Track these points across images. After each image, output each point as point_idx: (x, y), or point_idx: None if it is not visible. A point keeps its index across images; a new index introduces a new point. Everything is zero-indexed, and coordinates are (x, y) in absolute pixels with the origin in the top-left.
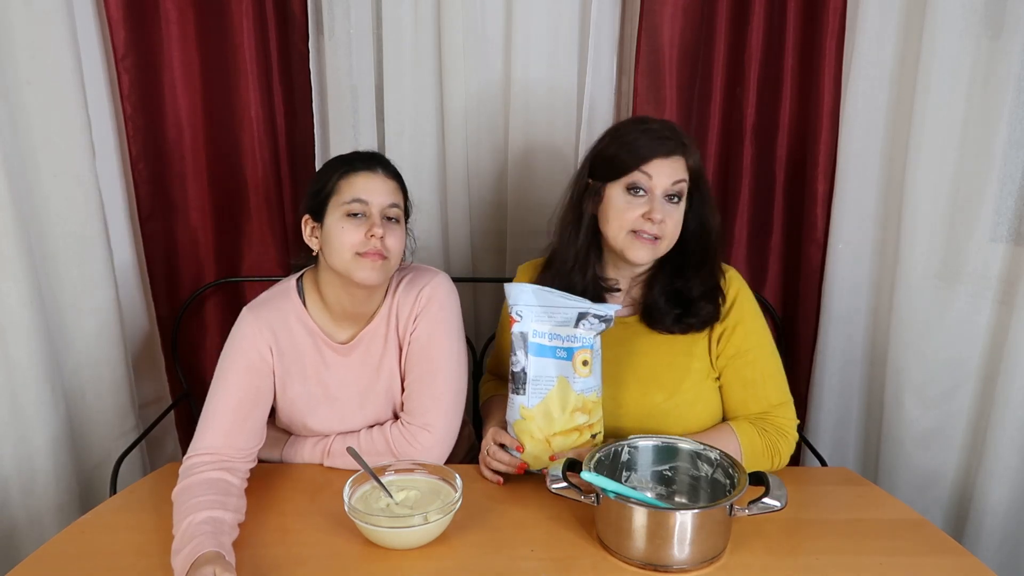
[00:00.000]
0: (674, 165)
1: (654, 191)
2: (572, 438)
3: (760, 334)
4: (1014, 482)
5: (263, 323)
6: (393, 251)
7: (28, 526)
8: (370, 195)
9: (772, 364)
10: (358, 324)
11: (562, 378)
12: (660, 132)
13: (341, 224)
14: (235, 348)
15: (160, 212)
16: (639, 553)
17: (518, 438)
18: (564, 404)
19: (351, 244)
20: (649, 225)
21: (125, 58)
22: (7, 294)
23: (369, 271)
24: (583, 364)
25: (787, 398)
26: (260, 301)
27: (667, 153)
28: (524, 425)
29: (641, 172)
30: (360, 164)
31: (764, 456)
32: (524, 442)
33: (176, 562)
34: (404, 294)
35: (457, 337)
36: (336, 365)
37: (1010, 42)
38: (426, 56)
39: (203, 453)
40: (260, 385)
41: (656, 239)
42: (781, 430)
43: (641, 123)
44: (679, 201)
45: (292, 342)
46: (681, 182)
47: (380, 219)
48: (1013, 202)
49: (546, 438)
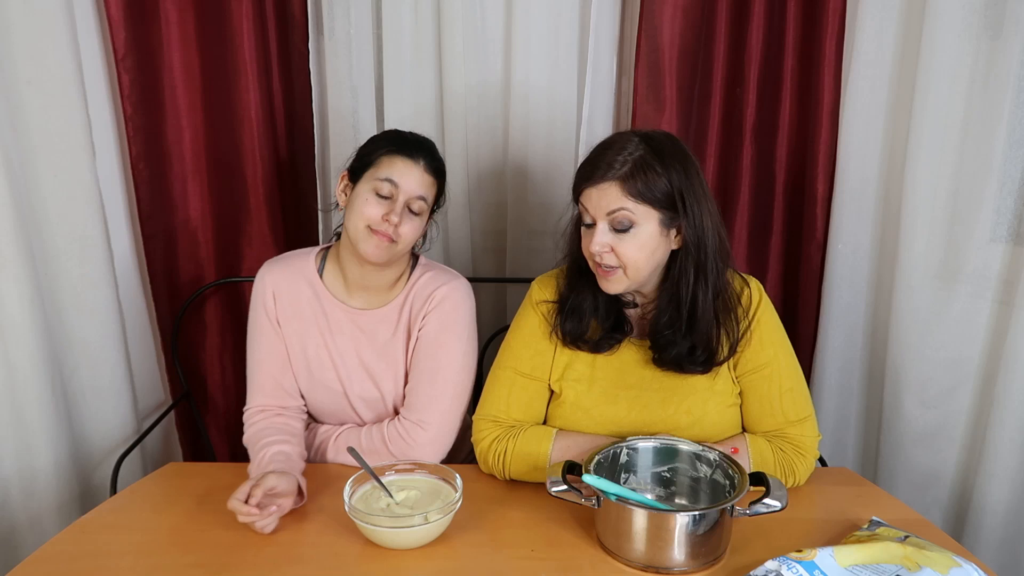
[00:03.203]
0: (605, 194)
1: (596, 221)
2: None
3: (778, 347)
4: (1014, 482)
5: (268, 275)
6: (404, 238)
7: (28, 526)
8: (403, 182)
9: (790, 378)
10: (372, 301)
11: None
12: (596, 156)
13: (367, 196)
14: (253, 306)
15: (160, 212)
16: (640, 555)
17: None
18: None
19: (367, 216)
20: (596, 256)
21: (125, 58)
22: (7, 294)
23: (374, 248)
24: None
25: (808, 413)
26: (278, 256)
27: (594, 182)
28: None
29: (580, 204)
30: (407, 149)
31: (776, 473)
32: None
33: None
34: (422, 288)
35: (467, 340)
36: (342, 326)
37: (1010, 42)
38: (426, 56)
39: (255, 407)
40: (276, 337)
41: (614, 269)
42: (799, 449)
43: (597, 147)
44: (629, 228)
45: (293, 295)
46: (618, 211)
47: (403, 207)
48: (1013, 202)
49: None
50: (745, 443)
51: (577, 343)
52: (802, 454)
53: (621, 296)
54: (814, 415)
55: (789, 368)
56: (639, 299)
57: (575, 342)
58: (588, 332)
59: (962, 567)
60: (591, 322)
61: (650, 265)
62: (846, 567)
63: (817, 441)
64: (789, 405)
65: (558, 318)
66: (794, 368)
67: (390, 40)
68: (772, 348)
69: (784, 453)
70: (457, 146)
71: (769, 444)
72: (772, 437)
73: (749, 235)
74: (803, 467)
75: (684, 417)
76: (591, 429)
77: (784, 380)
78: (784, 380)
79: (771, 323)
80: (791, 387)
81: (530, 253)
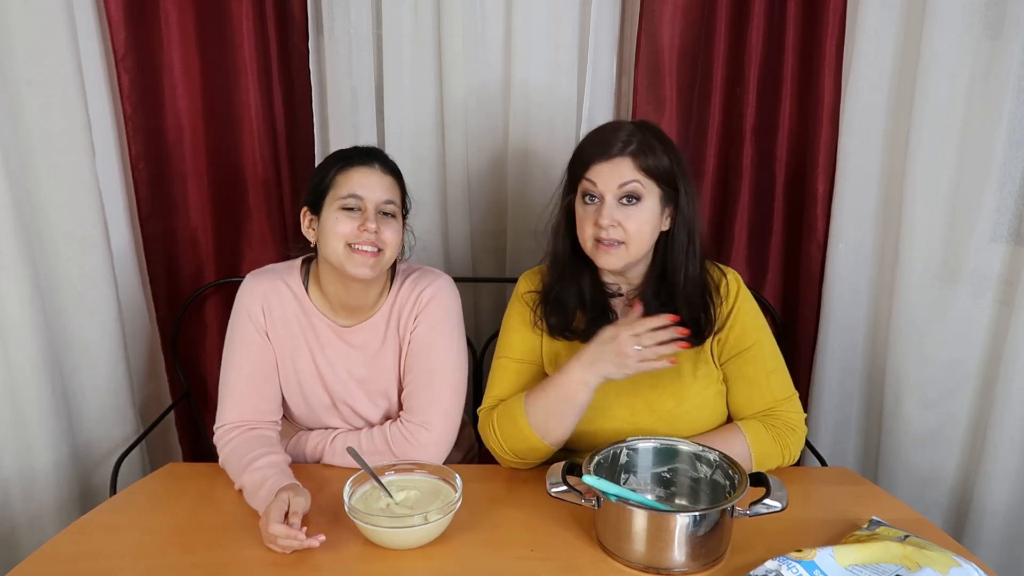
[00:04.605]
0: (618, 167)
1: (604, 196)
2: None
3: (759, 330)
4: (1014, 482)
5: (256, 286)
6: (389, 244)
7: (28, 526)
8: (365, 191)
9: (773, 359)
10: (357, 316)
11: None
12: (603, 136)
13: (336, 216)
14: (236, 316)
15: (160, 212)
16: (640, 556)
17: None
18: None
19: (343, 235)
20: (603, 231)
21: (125, 58)
22: (7, 294)
23: (361, 266)
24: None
25: (792, 392)
26: (262, 268)
27: (608, 157)
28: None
29: (587, 180)
30: (357, 159)
31: (774, 451)
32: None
33: (255, 502)
34: (407, 293)
35: (457, 338)
36: (331, 342)
37: (1010, 42)
38: (426, 56)
39: (228, 425)
40: (263, 348)
41: (619, 243)
42: (789, 424)
43: (596, 130)
44: (637, 202)
45: (282, 310)
46: (631, 183)
47: (375, 214)
48: (1013, 202)
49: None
50: (739, 428)
51: (564, 333)
52: (793, 429)
53: (606, 285)
54: (797, 395)
55: (772, 350)
56: (624, 287)
57: (562, 332)
58: (574, 322)
59: (962, 567)
60: (576, 312)
61: (649, 241)
62: (846, 567)
63: (804, 418)
64: (776, 384)
65: (541, 309)
66: (776, 350)
67: (390, 40)
68: (755, 332)
69: (777, 430)
70: (457, 146)
71: (761, 423)
72: (763, 416)
73: (749, 235)
74: (795, 442)
75: (669, 399)
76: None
77: (768, 361)
78: (768, 361)
79: (752, 309)
80: (775, 368)
81: (530, 253)
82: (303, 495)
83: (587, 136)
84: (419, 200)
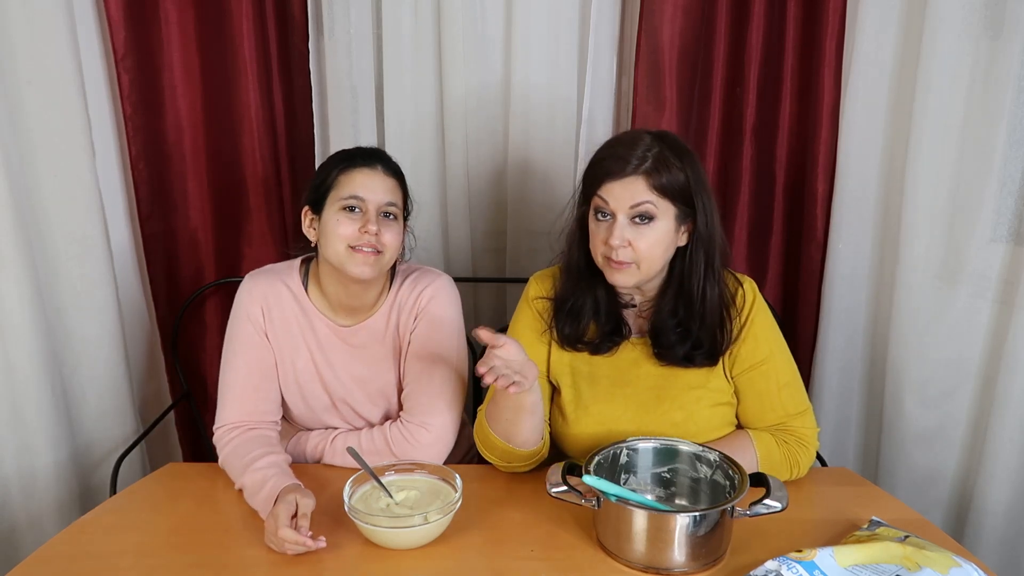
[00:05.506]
0: (630, 187)
1: (616, 214)
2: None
3: (773, 343)
4: (1014, 482)
5: (255, 287)
6: (389, 246)
7: (28, 526)
8: (367, 192)
9: (787, 373)
10: (357, 316)
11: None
12: (618, 151)
13: (337, 218)
14: (235, 316)
15: (160, 212)
16: (640, 556)
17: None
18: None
19: (344, 236)
20: (613, 251)
21: (125, 59)
22: (7, 294)
23: (362, 266)
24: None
25: (806, 406)
26: (261, 268)
27: (620, 175)
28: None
29: (599, 197)
30: (360, 160)
31: (783, 466)
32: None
33: (256, 502)
34: (406, 293)
35: (457, 338)
36: (331, 343)
37: (1010, 42)
38: (426, 56)
39: (228, 425)
40: (263, 348)
41: (628, 264)
42: (801, 440)
43: (613, 142)
44: (650, 221)
45: (282, 311)
46: (643, 204)
47: (376, 216)
48: (1013, 202)
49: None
50: (750, 439)
51: (576, 345)
52: (804, 445)
53: (620, 297)
54: (811, 408)
55: (785, 364)
56: (638, 299)
57: (573, 344)
58: (587, 334)
59: (962, 567)
60: (589, 324)
61: (662, 260)
62: (846, 567)
63: (816, 433)
64: (788, 399)
65: (554, 319)
66: (790, 364)
67: (390, 40)
68: (768, 345)
69: (788, 445)
70: (457, 146)
71: (773, 438)
72: (775, 431)
73: (749, 235)
74: (806, 458)
75: (678, 412)
76: (589, 427)
77: (781, 375)
78: (781, 375)
79: (766, 321)
80: (788, 382)
81: (530, 253)
82: (308, 496)
83: (603, 147)
84: (419, 200)
